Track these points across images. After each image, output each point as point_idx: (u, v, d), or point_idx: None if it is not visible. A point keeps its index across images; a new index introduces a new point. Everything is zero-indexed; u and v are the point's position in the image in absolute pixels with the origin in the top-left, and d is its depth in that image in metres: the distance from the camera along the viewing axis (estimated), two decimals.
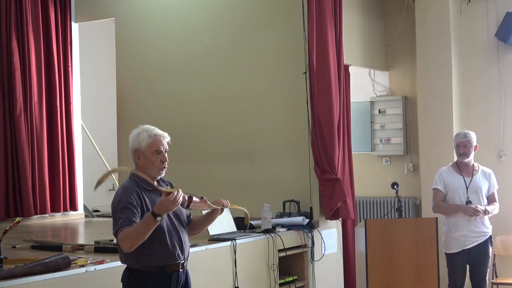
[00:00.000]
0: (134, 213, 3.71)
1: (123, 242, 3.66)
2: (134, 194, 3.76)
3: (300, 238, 6.27)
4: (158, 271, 3.80)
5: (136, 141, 3.83)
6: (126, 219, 3.67)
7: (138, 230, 3.62)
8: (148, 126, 3.90)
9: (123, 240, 3.65)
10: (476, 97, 7.82)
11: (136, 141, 3.83)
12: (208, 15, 7.60)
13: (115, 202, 3.79)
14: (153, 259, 3.78)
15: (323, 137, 6.48)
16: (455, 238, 6.08)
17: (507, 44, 7.56)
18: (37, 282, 3.99)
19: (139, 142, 3.82)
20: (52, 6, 8.13)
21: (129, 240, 3.63)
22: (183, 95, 7.71)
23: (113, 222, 3.78)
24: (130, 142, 3.86)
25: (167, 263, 3.82)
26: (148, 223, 3.60)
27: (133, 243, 3.64)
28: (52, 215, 8.06)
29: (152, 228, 3.62)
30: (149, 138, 3.82)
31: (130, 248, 3.66)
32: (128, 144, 3.88)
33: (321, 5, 6.49)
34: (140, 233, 3.61)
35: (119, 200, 3.76)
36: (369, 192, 8.41)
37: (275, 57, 7.12)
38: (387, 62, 8.39)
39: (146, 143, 3.81)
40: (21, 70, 7.71)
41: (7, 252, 4.67)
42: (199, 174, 7.44)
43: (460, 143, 6.14)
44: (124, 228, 3.65)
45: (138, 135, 3.84)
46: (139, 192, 3.78)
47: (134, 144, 3.84)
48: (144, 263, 3.78)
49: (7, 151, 7.62)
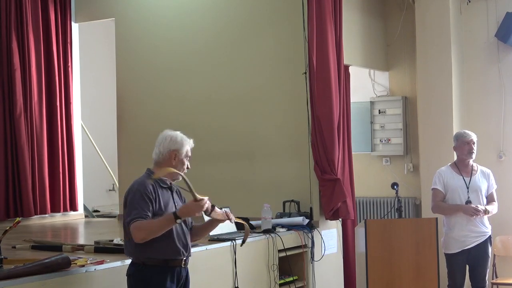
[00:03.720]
0: (148, 206, 3.88)
1: (137, 232, 3.82)
2: (151, 188, 3.94)
3: (300, 238, 6.27)
4: (162, 264, 3.95)
5: (176, 142, 4.07)
6: (141, 210, 3.85)
7: (155, 226, 3.83)
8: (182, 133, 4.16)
9: (137, 231, 3.81)
10: (476, 97, 7.82)
11: (176, 142, 4.07)
12: (208, 15, 7.60)
13: (131, 192, 3.94)
14: (159, 252, 3.93)
15: (323, 137, 6.48)
16: (455, 238, 6.08)
17: (507, 44, 7.56)
18: (37, 282, 3.99)
19: (179, 144, 4.07)
20: (52, 6, 8.13)
21: (143, 233, 3.82)
22: (183, 95, 7.71)
23: (126, 211, 3.92)
24: (166, 141, 4.06)
25: (171, 257, 3.98)
26: (167, 223, 3.83)
27: (146, 236, 3.83)
28: (52, 215, 8.07)
29: (169, 227, 3.88)
30: (188, 144, 4.11)
31: (142, 240, 3.83)
32: (158, 144, 4.08)
33: (321, 5, 6.48)
34: (156, 229, 3.84)
35: (136, 191, 3.92)
36: (369, 192, 8.41)
37: (275, 57, 7.12)
38: (387, 62, 8.39)
39: (185, 147, 4.09)
40: (21, 70, 7.72)
41: (7, 252, 4.67)
42: (199, 174, 7.38)
43: (470, 140, 6.14)
44: (138, 220, 3.82)
45: (177, 137, 4.09)
46: (155, 187, 3.97)
47: (174, 144, 4.06)
48: (150, 255, 3.92)
49: (7, 152, 7.63)
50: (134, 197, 3.89)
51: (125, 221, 3.90)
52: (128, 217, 3.87)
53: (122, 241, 5.04)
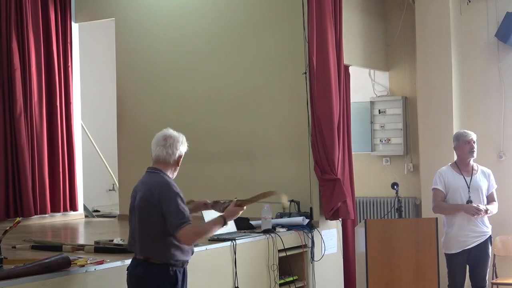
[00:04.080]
0: (187, 209, 3.97)
1: (190, 237, 3.92)
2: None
3: (300, 238, 6.27)
4: (181, 265, 4.04)
5: (184, 146, 4.12)
6: (187, 214, 3.92)
7: (208, 229, 3.99)
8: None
9: (191, 236, 3.91)
10: (476, 97, 7.82)
11: (184, 145, 4.12)
12: (208, 15, 7.61)
13: (170, 193, 3.92)
14: (183, 254, 4.02)
15: (323, 137, 6.48)
16: (456, 238, 6.07)
17: (507, 44, 7.56)
18: (37, 282, 3.99)
19: (185, 147, 4.13)
20: (52, 6, 8.13)
21: (197, 237, 3.96)
22: (183, 95, 7.71)
23: (172, 214, 3.88)
24: (178, 143, 4.08)
25: (188, 258, 4.10)
26: (217, 226, 3.99)
27: (199, 239, 4.01)
28: (52, 215, 8.07)
29: (217, 230, 4.07)
30: (187, 146, 4.15)
31: (194, 243, 4.02)
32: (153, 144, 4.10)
33: (321, 5, 6.48)
34: (209, 233, 4.02)
35: (175, 193, 3.93)
36: (369, 192, 8.41)
37: (275, 57, 7.12)
38: (387, 62, 8.39)
39: (185, 150, 4.13)
40: (21, 70, 7.72)
41: (7, 252, 4.67)
42: (199, 174, 7.43)
43: (470, 139, 6.14)
44: (188, 223, 3.88)
45: (184, 140, 4.13)
46: None
47: (183, 147, 4.11)
48: (176, 257, 3.98)
49: (7, 151, 7.63)
50: (176, 199, 3.89)
51: (176, 224, 3.86)
52: (176, 219, 3.85)
53: (122, 241, 5.06)
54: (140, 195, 3.99)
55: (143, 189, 3.99)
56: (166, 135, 4.10)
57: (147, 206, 3.94)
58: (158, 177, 4.01)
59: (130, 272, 4.05)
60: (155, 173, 4.03)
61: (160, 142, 4.07)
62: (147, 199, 3.94)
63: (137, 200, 4.01)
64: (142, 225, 3.96)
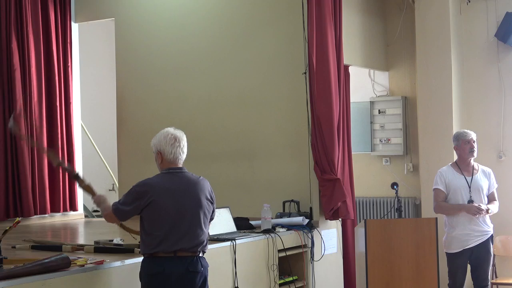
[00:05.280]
0: None
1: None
2: None
3: (300, 238, 6.27)
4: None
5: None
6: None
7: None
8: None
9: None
10: (476, 97, 7.82)
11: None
12: (208, 15, 7.60)
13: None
14: None
15: (323, 137, 6.48)
16: (457, 237, 6.07)
17: (507, 44, 7.56)
18: (37, 282, 3.99)
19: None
20: (52, 6, 8.13)
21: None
22: (183, 95, 7.71)
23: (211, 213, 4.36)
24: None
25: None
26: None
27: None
28: (52, 215, 8.06)
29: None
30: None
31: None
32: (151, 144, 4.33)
33: (321, 5, 6.48)
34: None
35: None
36: (369, 192, 8.41)
37: (275, 57, 7.12)
38: (387, 62, 8.39)
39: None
40: (21, 70, 7.71)
41: (7, 252, 4.67)
42: (199, 174, 7.41)
43: (470, 139, 6.14)
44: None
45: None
46: None
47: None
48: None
49: (7, 152, 7.62)
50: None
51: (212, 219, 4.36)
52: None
53: (122, 241, 5.07)
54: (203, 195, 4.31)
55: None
56: (182, 135, 4.33)
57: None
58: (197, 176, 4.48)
59: (201, 272, 4.23)
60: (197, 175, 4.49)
61: (183, 143, 4.32)
62: (211, 198, 4.38)
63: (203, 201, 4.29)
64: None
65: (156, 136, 4.27)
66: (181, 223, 4.13)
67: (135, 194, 4.14)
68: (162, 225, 4.10)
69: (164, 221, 4.11)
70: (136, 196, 4.13)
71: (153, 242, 4.10)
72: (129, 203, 4.15)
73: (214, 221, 4.46)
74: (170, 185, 4.17)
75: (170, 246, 4.09)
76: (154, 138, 4.28)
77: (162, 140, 4.22)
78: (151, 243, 4.11)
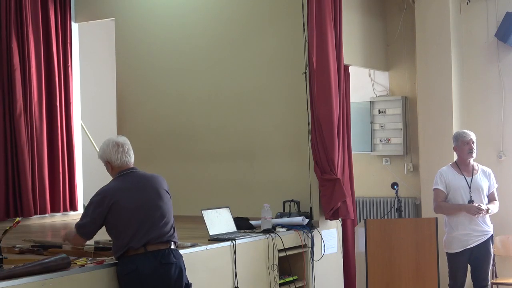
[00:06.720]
0: None
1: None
2: None
3: (300, 238, 6.27)
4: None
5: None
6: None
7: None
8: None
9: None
10: (476, 97, 7.82)
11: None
12: (208, 15, 7.61)
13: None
14: None
15: (323, 137, 6.48)
16: (457, 237, 6.07)
17: (507, 44, 7.56)
18: (37, 282, 3.99)
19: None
20: (52, 6, 8.13)
21: None
22: (183, 95, 7.71)
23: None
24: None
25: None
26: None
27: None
28: (52, 215, 8.07)
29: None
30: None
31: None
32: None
33: (321, 5, 6.48)
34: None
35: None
36: (369, 192, 8.41)
37: (275, 57, 7.12)
38: (387, 62, 8.39)
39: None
40: (21, 70, 7.71)
41: (8, 252, 4.67)
42: (199, 174, 7.44)
43: (469, 140, 6.15)
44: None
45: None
46: None
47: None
48: None
49: (7, 152, 7.63)
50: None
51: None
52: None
53: None
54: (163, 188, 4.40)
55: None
56: (127, 141, 4.52)
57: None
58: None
59: (175, 263, 4.25)
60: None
61: (130, 147, 4.51)
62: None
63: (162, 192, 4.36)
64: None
65: (100, 148, 4.47)
66: (145, 217, 4.24)
67: (94, 204, 4.27)
68: (128, 224, 4.21)
69: (128, 220, 4.22)
70: (96, 205, 4.26)
71: (122, 243, 4.20)
72: (89, 214, 4.27)
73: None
74: (125, 185, 4.33)
75: (138, 241, 4.19)
76: (99, 150, 4.48)
77: (106, 150, 4.40)
78: (121, 244, 4.22)
